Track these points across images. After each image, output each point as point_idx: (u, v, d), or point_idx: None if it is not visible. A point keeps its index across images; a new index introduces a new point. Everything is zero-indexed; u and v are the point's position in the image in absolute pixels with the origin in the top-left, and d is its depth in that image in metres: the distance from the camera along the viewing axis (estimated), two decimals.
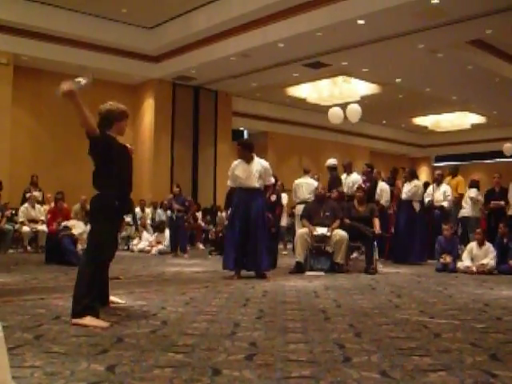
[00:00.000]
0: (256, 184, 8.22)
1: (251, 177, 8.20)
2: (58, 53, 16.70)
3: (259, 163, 8.33)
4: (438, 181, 12.59)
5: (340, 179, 12.23)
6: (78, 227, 11.31)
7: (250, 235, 8.13)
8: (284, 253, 14.10)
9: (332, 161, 12.86)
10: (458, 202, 13.34)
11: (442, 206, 12.22)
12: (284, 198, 14.24)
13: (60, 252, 10.50)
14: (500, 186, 12.53)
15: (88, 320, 4.33)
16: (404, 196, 11.71)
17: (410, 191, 11.64)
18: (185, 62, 17.78)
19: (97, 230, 4.79)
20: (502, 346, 3.84)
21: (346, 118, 16.19)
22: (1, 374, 2.26)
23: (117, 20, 17.22)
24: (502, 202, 12.13)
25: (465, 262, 9.98)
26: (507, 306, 5.78)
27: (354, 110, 16.21)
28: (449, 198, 12.35)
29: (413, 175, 11.90)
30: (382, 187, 12.20)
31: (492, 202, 12.30)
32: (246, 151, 8.33)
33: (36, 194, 14.67)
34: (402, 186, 12.12)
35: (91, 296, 4.52)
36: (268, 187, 8.78)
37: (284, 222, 14.63)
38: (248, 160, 8.30)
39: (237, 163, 8.40)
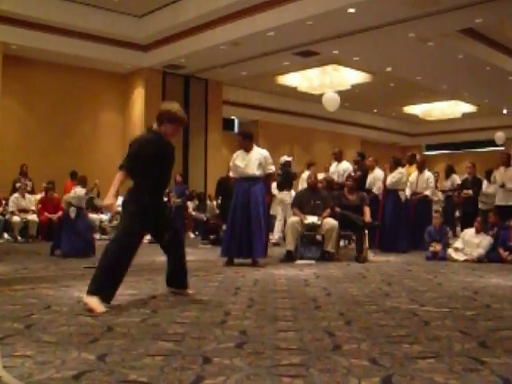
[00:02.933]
0: (256, 172, 8.32)
1: (250, 165, 8.33)
2: (48, 41, 16.56)
3: (259, 152, 8.46)
4: (421, 168, 12.53)
5: (292, 176, 12.53)
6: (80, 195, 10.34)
7: (251, 223, 8.22)
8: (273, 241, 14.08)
9: (285, 158, 13.34)
10: None
11: (425, 195, 12.20)
12: (274, 187, 14.26)
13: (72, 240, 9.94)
14: (473, 175, 12.56)
15: (93, 301, 4.51)
16: (388, 184, 11.64)
17: (394, 178, 11.56)
18: (175, 50, 17.69)
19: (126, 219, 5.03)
20: (491, 333, 3.87)
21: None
22: None
23: (107, 9, 17.10)
24: (471, 191, 12.16)
25: (458, 244, 10.09)
26: (496, 294, 5.82)
27: (331, 98, 16.39)
28: (431, 185, 12.31)
29: (397, 163, 11.84)
30: (376, 175, 12.19)
31: (463, 192, 12.35)
32: (246, 141, 8.51)
33: (26, 183, 14.62)
34: (386, 175, 12.04)
35: (107, 281, 4.71)
36: (269, 176, 8.81)
37: (274, 210, 14.60)
38: (248, 150, 8.44)
39: (237, 154, 8.57)
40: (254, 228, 8.20)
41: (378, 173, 12.23)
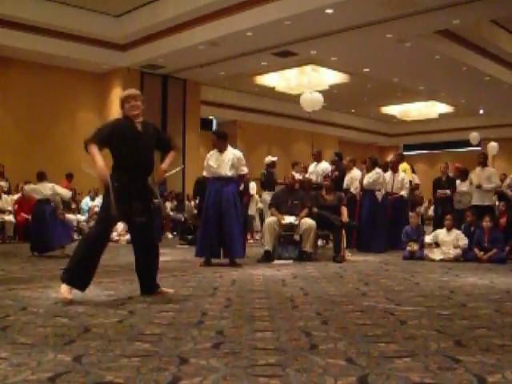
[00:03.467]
0: (228, 173, 8.33)
1: (223, 165, 8.33)
2: (25, 41, 16.41)
3: (232, 153, 8.47)
4: (394, 168, 12.62)
5: (273, 176, 12.71)
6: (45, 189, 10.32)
7: (223, 223, 8.22)
8: (251, 241, 14.10)
9: (270, 158, 13.64)
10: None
11: (401, 196, 12.29)
12: (252, 187, 14.31)
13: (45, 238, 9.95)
14: (447, 175, 12.67)
15: (62, 288, 4.87)
16: (365, 184, 11.68)
17: (371, 178, 11.60)
18: (153, 50, 17.63)
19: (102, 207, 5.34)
20: (467, 331, 3.90)
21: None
22: None
23: (84, 8, 16.99)
24: (448, 191, 12.26)
25: (427, 239, 10.22)
26: (472, 293, 5.86)
27: (311, 99, 16.55)
28: (406, 185, 12.39)
29: (374, 164, 11.88)
30: (353, 175, 12.23)
31: (438, 191, 12.43)
32: (221, 141, 8.50)
33: (2, 183, 14.50)
34: (363, 175, 12.07)
35: (78, 270, 4.97)
36: (242, 177, 8.81)
37: (253, 211, 14.65)
38: (222, 150, 8.43)
39: (211, 153, 8.56)
40: (227, 228, 8.21)
41: (355, 173, 12.26)
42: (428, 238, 10.31)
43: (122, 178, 5.08)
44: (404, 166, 13.60)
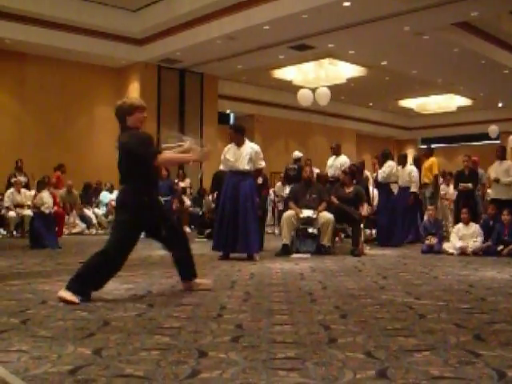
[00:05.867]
0: (246, 167, 8.33)
1: (241, 159, 8.34)
2: (42, 36, 16.50)
3: (250, 147, 8.46)
4: (403, 163, 12.58)
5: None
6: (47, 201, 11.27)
7: (239, 217, 8.23)
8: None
9: (297, 153, 13.99)
10: (434, 182, 13.40)
11: (414, 192, 12.29)
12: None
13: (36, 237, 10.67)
14: (469, 168, 12.57)
15: (68, 295, 4.61)
16: (380, 178, 11.64)
17: (385, 172, 11.54)
18: (170, 44, 17.64)
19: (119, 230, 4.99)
20: (486, 326, 3.88)
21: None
22: None
23: (101, 2, 17.04)
24: (470, 185, 12.18)
25: (456, 243, 9.95)
26: (491, 287, 5.83)
27: (324, 93, 16.54)
28: (413, 179, 12.34)
29: (386, 157, 11.84)
30: (341, 161, 12.23)
31: (460, 185, 12.36)
32: (238, 135, 8.49)
33: (21, 178, 14.58)
34: (375, 169, 12.02)
35: (90, 283, 4.74)
36: (259, 170, 8.80)
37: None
38: (239, 143, 8.44)
39: (229, 147, 8.56)
40: (243, 223, 8.21)
41: (342, 159, 12.29)
42: (452, 237, 10.18)
43: (150, 192, 5.03)
44: (432, 160, 13.55)
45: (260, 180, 10.27)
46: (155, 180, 5.22)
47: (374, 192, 12.03)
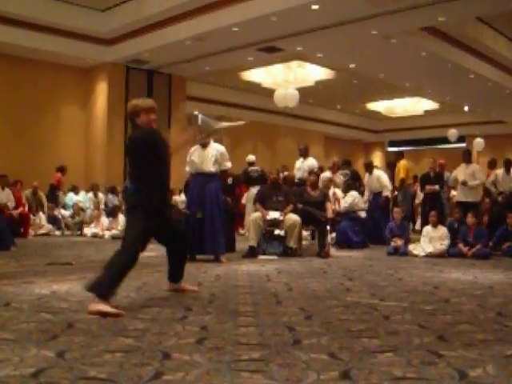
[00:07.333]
0: (211, 168, 8.31)
1: (206, 161, 8.32)
2: (10, 35, 16.26)
3: (215, 148, 8.44)
4: (369, 170, 12.67)
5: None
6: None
7: (205, 219, 8.21)
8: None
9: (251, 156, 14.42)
10: (399, 186, 13.53)
11: (386, 197, 12.39)
12: None
13: None
14: (435, 171, 12.72)
15: (106, 307, 4.28)
16: (343, 209, 11.46)
17: (347, 202, 11.43)
18: (138, 45, 17.54)
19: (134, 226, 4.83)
20: (449, 327, 3.94)
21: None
22: None
23: (69, 2, 16.88)
24: (437, 187, 12.33)
25: (426, 248, 9.99)
26: (455, 289, 5.90)
27: (292, 95, 16.74)
28: (383, 183, 12.41)
29: (349, 187, 11.92)
30: (309, 163, 12.47)
31: (427, 187, 12.50)
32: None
33: None
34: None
35: (116, 285, 4.57)
36: (225, 172, 8.80)
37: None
38: (204, 145, 8.37)
39: (194, 148, 8.52)
40: (210, 225, 8.21)
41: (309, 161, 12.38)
42: (422, 240, 10.23)
43: (160, 193, 4.96)
44: (402, 163, 13.69)
45: (230, 180, 10.27)
46: (168, 184, 5.18)
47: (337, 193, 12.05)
